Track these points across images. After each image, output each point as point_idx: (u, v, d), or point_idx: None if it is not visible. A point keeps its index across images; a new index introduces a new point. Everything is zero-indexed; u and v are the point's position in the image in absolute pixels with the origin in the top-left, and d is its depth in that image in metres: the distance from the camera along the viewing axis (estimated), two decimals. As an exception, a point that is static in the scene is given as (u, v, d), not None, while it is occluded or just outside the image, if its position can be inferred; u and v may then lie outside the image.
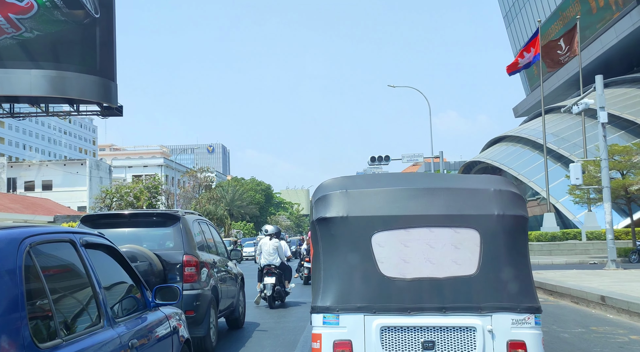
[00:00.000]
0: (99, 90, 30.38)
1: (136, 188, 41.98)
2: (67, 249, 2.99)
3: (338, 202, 3.65)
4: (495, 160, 44.53)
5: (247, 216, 63.86)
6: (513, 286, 3.57)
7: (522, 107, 59.07)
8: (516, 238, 3.68)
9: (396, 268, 3.55)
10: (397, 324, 3.50)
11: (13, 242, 2.42)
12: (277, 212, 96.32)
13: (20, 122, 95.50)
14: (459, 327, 3.49)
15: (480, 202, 3.69)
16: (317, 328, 3.55)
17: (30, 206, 44.66)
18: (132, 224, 7.45)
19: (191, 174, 57.42)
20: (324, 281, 3.62)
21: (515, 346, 3.44)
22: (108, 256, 3.59)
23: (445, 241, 3.59)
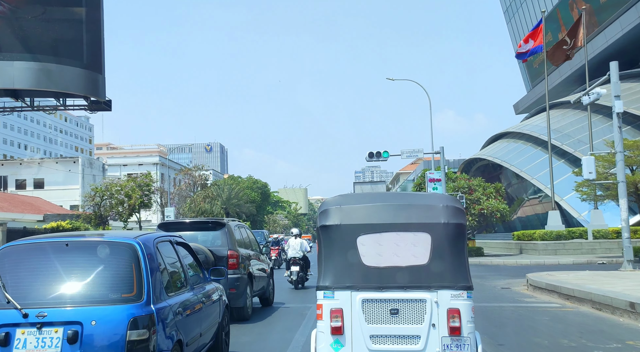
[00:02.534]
0: (86, 83, 28.97)
1: (128, 186, 40.55)
2: (168, 245, 5.65)
3: (334, 214, 5.11)
4: (496, 157, 43.21)
5: (244, 215, 62.42)
6: (452, 271, 4.86)
7: (523, 103, 57.74)
8: (456, 239, 4.94)
9: (373, 260, 4.90)
10: (373, 297, 4.87)
11: (151, 239, 5.17)
12: (275, 211, 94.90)
13: (16, 120, 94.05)
14: (415, 299, 4.82)
15: (432, 214, 4.97)
16: (320, 300, 4.95)
17: (19, 204, 43.26)
18: (193, 228, 10.51)
19: (186, 172, 55.97)
20: (324, 268, 5.03)
21: (452, 312, 4.73)
22: (185, 249, 6.11)
23: (407, 241, 4.92)
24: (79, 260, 4.78)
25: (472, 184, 31.36)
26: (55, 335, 4.26)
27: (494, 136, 49.84)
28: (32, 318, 4.30)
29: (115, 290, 4.54)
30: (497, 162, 42.61)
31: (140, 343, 4.34)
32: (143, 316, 4.42)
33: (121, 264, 4.71)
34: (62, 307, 4.38)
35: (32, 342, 4.26)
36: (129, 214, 41.37)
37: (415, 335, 4.77)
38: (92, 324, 4.29)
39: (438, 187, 29.57)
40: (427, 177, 29.55)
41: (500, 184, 33.12)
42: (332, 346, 4.86)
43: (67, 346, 4.23)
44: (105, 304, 4.42)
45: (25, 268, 4.69)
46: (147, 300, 4.55)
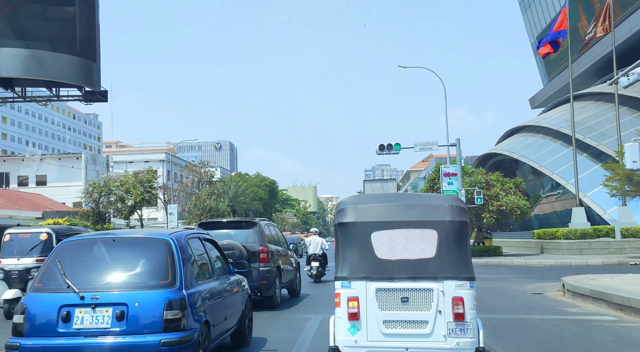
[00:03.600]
0: (79, 71, 27.12)
1: (128, 182, 38.80)
2: (198, 241, 6.51)
3: (350, 213, 5.52)
4: (513, 151, 40.93)
5: (251, 212, 60.54)
6: (456, 264, 5.27)
7: (540, 97, 55.32)
8: (460, 235, 5.37)
9: (386, 253, 5.33)
10: (385, 287, 5.27)
11: (183, 236, 5.97)
12: (284, 209, 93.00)
13: (23, 117, 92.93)
14: (423, 288, 5.21)
15: (438, 213, 5.40)
16: (338, 289, 5.36)
17: (17, 201, 41.68)
18: (228, 227, 11.81)
19: (190, 168, 54.12)
20: (342, 261, 5.44)
21: (457, 300, 5.14)
22: (212, 245, 7.10)
23: (416, 237, 5.35)
24: (123, 253, 5.64)
25: (489, 178, 29.19)
26: (106, 314, 5.08)
27: (509, 131, 47.53)
28: (87, 300, 5.10)
29: (153, 277, 5.37)
30: (514, 157, 40.35)
31: (174, 322, 5.14)
32: (177, 299, 5.21)
33: (158, 256, 5.53)
34: (111, 291, 5.21)
35: (88, 320, 5.07)
36: (130, 211, 39.65)
37: (424, 320, 5.13)
38: (135, 305, 5.09)
39: (454, 181, 27.45)
40: (441, 171, 27.42)
41: (520, 179, 30.93)
42: (349, 330, 5.20)
43: (116, 323, 5.05)
44: (146, 289, 5.23)
45: (81, 259, 5.54)
46: (180, 286, 5.34)
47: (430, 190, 30.32)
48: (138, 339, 5.04)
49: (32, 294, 5.34)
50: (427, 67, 27.48)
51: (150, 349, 5.03)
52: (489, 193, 28.26)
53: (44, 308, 5.16)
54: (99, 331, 5.06)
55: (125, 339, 5.04)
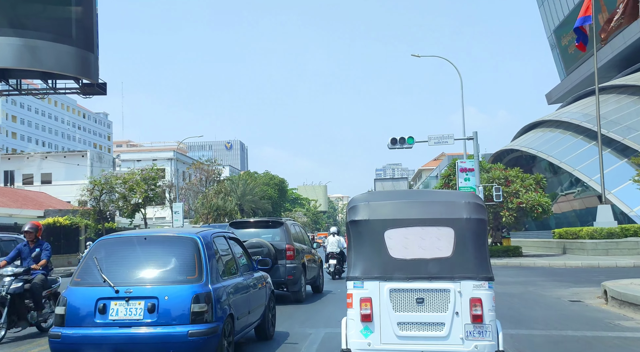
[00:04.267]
0: (75, 62, 25.73)
1: (132, 180, 37.36)
2: (223, 239, 6.84)
3: (363, 210, 5.25)
4: (531, 147, 39.02)
5: (259, 211, 59.03)
6: (474, 263, 4.98)
7: (557, 92, 53.25)
8: (478, 233, 5.07)
9: (400, 252, 5.06)
10: (400, 287, 5.00)
11: (209, 234, 6.29)
12: (294, 208, 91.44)
13: (33, 116, 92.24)
14: (439, 289, 4.94)
15: (455, 210, 5.11)
16: (350, 290, 5.11)
17: (20, 199, 40.49)
18: (257, 226, 12.60)
19: (198, 166, 52.70)
20: (354, 260, 5.18)
21: (475, 301, 4.85)
22: (237, 243, 7.36)
23: (432, 235, 5.07)
24: (154, 250, 6.08)
25: (509, 174, 27.37)
26: (138, 306, 5.48)
27: (526, 126, 45.58)
28: (121, 293, 5.51)
29: (181, 273, 5.77)
30: (532, 153, 38.44)
31: (201, 314, 5.48)
32: (203, 293, 5.57)
33: (186, 253, 5.92)
34: (143, 285, 5.61)
35: (122, 311, 5.47)
36: (134, 210, 38.23)
37: (440, 322, 4.88)
38: (165, 299, 5.48)
39: (470, 177, 25.68)
40: (457, 167, 25.66)
41: (541, 175, 29.03)
42: (362, 332, 4.99)
43: (147, 314, 5.44)
44: (175, 283, 5.64)
45: (115, 256, 5.97)
46: (206, 281, 5.70)
47: (445, 187, 28.57)
48: (168, 330, 5.39)
49: (72, 288, 5.72)
50: (442, 56, 25.66)
51: (178, 339, 5.36)
52: (508, 190, 26.46)
53: (83, 301, 5.57)
54: (132, 322, 5.43)
55: (156, 329, 5.40)
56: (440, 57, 26.61)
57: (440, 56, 26.67)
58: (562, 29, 49.90)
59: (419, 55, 26.23)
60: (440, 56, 26.67)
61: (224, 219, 53.17)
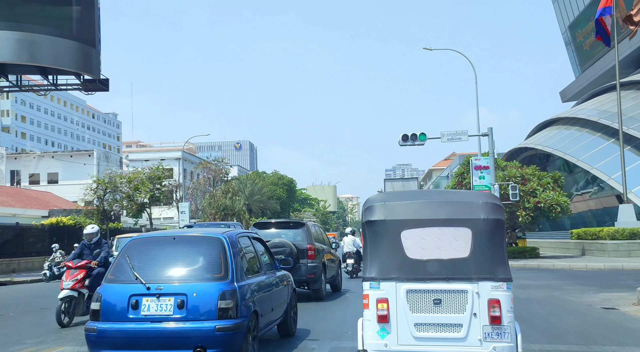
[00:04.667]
0: (76, 57, 24.87)
1: (137, 179, 36.53)
2: (247, 239, 7.06)
3: (379, 210, 5.18)
4: (546, 145, 37.72)
5: (268, 212, 58.09)
6: (492, 264, 4.90)
7: (572, 89, 51.82)
8: (496, 233, 4.98)
9: (417, 253, 4.98)
10: (417, 288, 4.93)
11: (234, 235, 6.46)
12: (303, 209, 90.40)
13: (43, 117, 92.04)
14: (457, 290, 4.86)
15: (472, 210, 5.02)
16: (366, 290, 5.05)
17: (24, 199, 39.80)
18: (280, 227, 12.89)
19: (204, 165, 51.84)
20: (370, 261, 5.11)
21: (493, 302, 4.77)
22: (260, 243, 7.58)
23: (449, 235, 4.98)
24: (182, 249, 6.28)
25: (525, 172, 26.17)
26: (168, 302, 5.71)
27: (540, 124, 44.25)
28: (153, 290, 5.74)
29: (209, 271, 5.96)
30: (548, 151, 37.14)
31: (227, 310, 5.70)
32: (229, 290, 5.79)
33: (213, 252, 6.11)
34: (173, 283, 5.84)
35: (153, 307, 5.70)
36: (139, 210, 37.41)
37: (458, 324, 4.81)
38: (193, 295, 5.69)
39: (485, 175, 24.54)
40: (472, 164, 24.53)
41: (559, 173, 27.81)
42: (379, 333, 4.93)
43: (177, 310, 5.67)
44: (202, 281, 5.84)
45: (146, 255, 6.19)
46: (232, 279, 5.90)
47: (459, 185, 27.42)
48: (196, 325, 5.59)
49: (106, 285, 5.98)
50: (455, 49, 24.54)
51: (206, 333, 5.55)
52: (525, 188, 25.28)
53: (116, 297, 5.80)
54: (163, 317, 5.65)
55: (185, 324, 5.61)
56: (453, 50, 25.54)
57: (453, 49, 25.59)
58: (577, 25, 48.52)
59: (431, 49, 25.12)
60: (453, 49, 25.59)
61: (231, 218, 52.32)
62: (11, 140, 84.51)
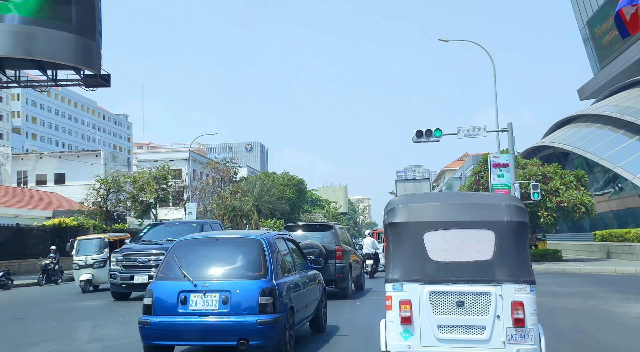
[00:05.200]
0: (75, 51, 23.77)
1: (142, 179, 35.43)
2: (282, 241, 7.47)
3: (401, 212, 5.16)
4: (566, 143, 36.04)
5: (277, 213, 56.83)
6: (515, 266, 4.85)
7: (590, 87, 49.95)
8: (519, 236, 4.95)
9: (440, 255, 4.94)
10: (440, 290, 4.90)
11: (271, 236, 6.96)
12: (313, 210, 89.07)
13: (53, 118, 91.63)
14: (480, 292, 4.84)
15: (495, 212, 5.01)
16: (389, 292, 5.06)
17: (28, 199, 38.83)
18: (309, 229, 13.46)
19: (212, 165, 50.68)
20: (393, 262, 5.08)
21: (516, 305, 4.73)
22: (293, 244, 8.00)
23: (472, 238, 4.95)
24: (225, 250, 6.76)
25: (547, 171, 24.63)
26: (214, 298, 6.13)
27: (558, 122, 42.56)
28: (199, 287, 6.17)
29: (249, 270, 6.39)
30: (568, 150, 35.47)
31: (267, 306, 6.10)
32: (268, 287, 6.19)
33: (253, 252, 6.54)
34: (217, 280, 6.27)
35: (200, 303, 6.12)
36: (144, 210, 36.31)
37: (481, 326, 4.77)
38: (237, 292, 6.12)
39: (504, 173, 23.04)
40: (490, 162, 23.04)
41: (583, 171, 26.23)
42: (402, 334, 4.91)
43: (222, 305, 6.09)
44: (244, 279, 6.27)
45: (192, 255, 6.60)
46: (271, 277, 6.30)
47: (476, 184, 25.93)
48: (239, 319, 6.04)
49: (157, 282, 6.43)
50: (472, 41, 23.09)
51: (249, 327, 5.99)
52: (546, 187, 23.75)
53: (167, 293, 6.24)
54: (209, 312, 6.10)
55: (230, 318, 6.06)
56: (470, 41, 24.05)
57: (470, 41, 24.10)
58: (596, 20, 46.75)
59: (446, 40, 23.67)
60: (470, 41, 24.10)
61: (240, 220, 51.10)
62: (21, 142, 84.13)
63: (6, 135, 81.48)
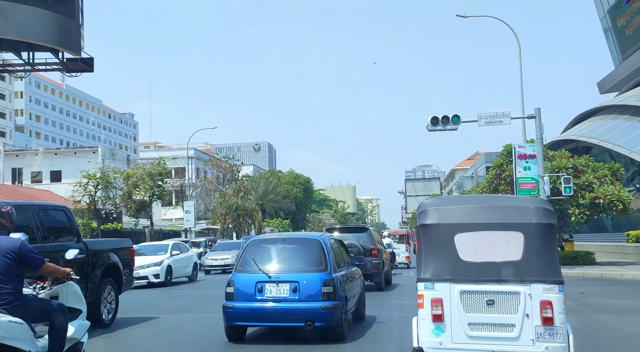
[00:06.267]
0: (51, 30, 21.20)
1: (136, 175, 32.88)
2: (334, 241, 8.72)
3: (433, 214, 5.30)
4: (591, 136, 33.06)
5: (282, 212, 54.13)
6: (544, 267, 4.96)
7: (612, 79, 46.78)
8: (547, 238, 5.05)
9: (470, 255, 5.08)
10: (470, 289, 5.02)
11: (327, 237, 8.37)
12: (321, 210, 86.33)
13: (57, 116, 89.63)
14: (509, 291, 4.93)
15: (524, 215, 5.11)
16: (421, 291, 5.17)
17: (18, 198, 36.35)
18: (347, 231, 15.46)
19: (214, 162, 48.10)
20: (424, 263, 5.21)
21: (545, 304, 4.83)
22: (341, 244, 9.14)
23: (501, 239, 5.05)
24: (291, 248, 8.04)
25: (578, 163, 21.71)
26: (285, 288, 7.32)
27: (580, 115, 39.58)
28: (273, 278, 7.38)
29: (313, 265, 7.62)
30: (593, 143, 32.49)
31: (328, 294, 7.28)
32: (329, 279, 7.38)
33: (314, 250, 7.79)
34: (287, 273, 7.50)
35: (274, 291, 7.32)
36: (138, 209, 33.73)
37: (511, 324, 4.87)
38: (303, 283, 7.31)
39: (531, 166, 20.20)
40: (515, 153, 20.21)
41: (618, 164, 23.28)
42: (434, 332, 5.02)
43: (292, 294, 7.28)
44: (309, 272, 7.48)
45: (264, 252, 7.89)
46: (330, 271, 7.51)
47: (497, 178, 23.06)
48: (307, 305, 7.24)
49: (237, 274, 7.66)
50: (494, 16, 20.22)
51: (314, 311, 7.20)
52: (578, 182, 20.84)
53: (246, 283, 7.47)
54: (281, 299, 7.30)
55: (299, 304, 7.26)
56: (493, 17, 21.20)
57: (492, 16, 21.24)
58: (619, 7, 43.65)
59: (465, 16, 20.84)
60: (492, 16, 21.24)
61: (244, 219, 48.45)
62: (25, 140, 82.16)
63: (9, 133, 79.51)
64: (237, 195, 46.74)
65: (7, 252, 4.49)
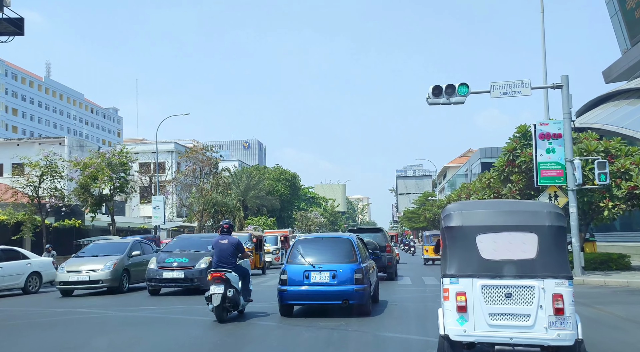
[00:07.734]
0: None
1: (93, 165, 28.45)
2: (358, 239, 11.10)
3: (456, 217, 5.88)
4: (606, 123, 29.05)
5: (265, 209, 49.80)
6: (556, 264, 5.49)
7: (619, 67, 42.85)
8: (558, 239, 5.61)
9: (490, 254, 5.62)
10: (490, 283, 5.54)
11: (354, 236, 10.71)
12: (310, 208, 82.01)
13: (36, 110, 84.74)
14: (525, 286, 5.45)
15: (538, 218, 5.69)
16: (446, 285, 5.68)
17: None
18: (365, 231, 18.06)
19: (190, 154, 43.72)
20: (449, 260, 5.74)
21: (557, 296, 5.36)
22: (362, 242, 11.42)
23: (518, 240, 5.59)
24: (329, 244, 10.27)
25: (610, 146, 17.58)
26: (326, 275, 9.46)
27: (590, 102, 35.66)
28: (317, 268, 9.55)
29: (346, 257, 9.72)
30: (610, 130, 28.38)
31: (359, 280, 9.44)
32: (359, 268, 9.53)
33: (346, 246, 9.95)
34: (327, 263, 9.63)
35: (318, 277, 9.48)
36: (97, 203, 29.29)
37: (526, 314, 5.41)
38: (340, 271, 9.45)
39: (556, 147, 16.11)
40: (536, 132, 16.10)
41: (656, 148, 19.16)
42: (458, 321, 5.55)
43: (331, 279, 9.42)
44: (344, 263, 9.59)
45: (308, 248, 10.08)
46: (359, 262, 9.63)
47: (510, 165, 18.90)
48: (343, 287, 9.37)
49: (288, 265, 9.83)
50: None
51: (349, 292, 9.35)
52: (612, 168, 16.73)
53: (296, 272, 9.64)
54: (324, 283, 9.45)
55: (337, 287, 9.38)
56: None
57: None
58: (628, -12, 39.72)
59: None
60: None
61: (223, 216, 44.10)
62: (1, 135, 77.28)
63: (-17, 127, 74.69)
64: (216, 190, 42.39)
65: (233, 245, 9.78)
